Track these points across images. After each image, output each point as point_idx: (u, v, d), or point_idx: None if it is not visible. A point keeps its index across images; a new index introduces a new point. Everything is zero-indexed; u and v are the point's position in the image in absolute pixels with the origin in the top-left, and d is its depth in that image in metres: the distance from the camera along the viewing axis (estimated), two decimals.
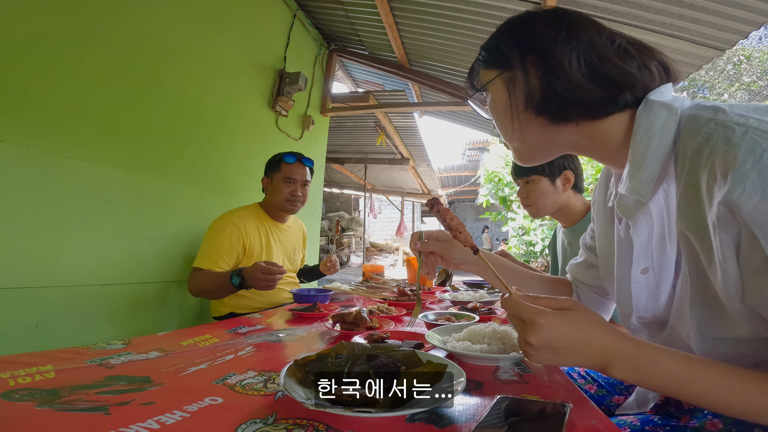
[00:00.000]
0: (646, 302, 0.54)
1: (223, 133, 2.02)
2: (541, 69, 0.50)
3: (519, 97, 0.52)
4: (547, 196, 1.23)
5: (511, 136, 0.57)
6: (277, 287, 1.64)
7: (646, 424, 0.57)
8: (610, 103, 0.49)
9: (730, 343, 0.45)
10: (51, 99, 1.23)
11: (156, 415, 0.43)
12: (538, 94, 0.51)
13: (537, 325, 0.44)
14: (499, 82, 0.55)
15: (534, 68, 0.50)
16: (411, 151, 5.56)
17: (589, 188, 5.65)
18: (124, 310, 1.49)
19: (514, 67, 0.52)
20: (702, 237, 0.42)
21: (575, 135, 0.53)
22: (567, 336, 0.43)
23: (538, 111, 0.52)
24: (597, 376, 0.82)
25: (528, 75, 0.51)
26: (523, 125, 0.54)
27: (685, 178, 0.43)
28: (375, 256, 10.55)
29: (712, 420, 0.52)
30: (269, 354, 0.73)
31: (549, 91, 0.49)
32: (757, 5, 1.71)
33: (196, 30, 1.81)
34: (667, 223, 0.49)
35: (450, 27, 2.63)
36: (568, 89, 0.48)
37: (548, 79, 0.49)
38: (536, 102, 0.51)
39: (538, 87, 0.50)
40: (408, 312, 1.22)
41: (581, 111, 0.50)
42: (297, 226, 1.88)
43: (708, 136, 0.40)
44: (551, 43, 0.49)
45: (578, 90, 0.48)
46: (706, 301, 0.45)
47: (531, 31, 0.51)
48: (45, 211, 1.22)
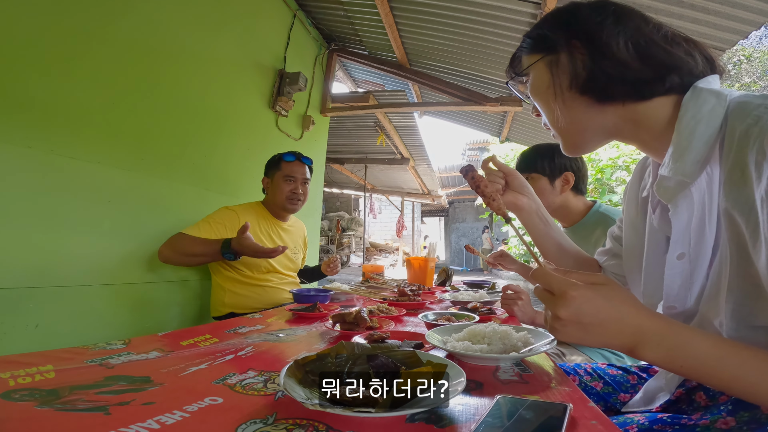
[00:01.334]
0: (678, 291, 0.53)
1: (223, 133, 2.02)
2: (588, 50, 0.52)
3: (563, 77, 0.54)
4: (543, 195, 1.23)
5: (556, 118, 0.58)
6: (277, 287, 1.66)
7: (655, 423, 0.57)
8: (656, 84, 0.50)
9: (765, 332, 0.44)
10: (51, 99, 1.23)
11: (156, 415, 0.43)
12: (583, 74, 0.52)
13: (568, 297, 0.42)
14: (541, 65, 0.57)
15: (580, 50, 0.53)
16: (411, 151, 5.56)
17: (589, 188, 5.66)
18: (124, 310, 1.49)
19: (559, 49, 0.54)
20: (749, 214, 0.41)
21: (619, 117, 0.54)
22: (599, 311, 0.42)
23: (583, 90, 0.53)
24: (603, 373, 0.82)
25: (573, 56, 0.53)
26: (567, 105, 0.55)
27: (732, 159, 0.43)
28: (375, 256, 10.56)
29: (726, 418, 0.51)
30: (269, 354, 0.73)
31: (596, 70, 0.51)
32: (757, 5, 1.71)
33: (196, 30, 1.81)
34: (708, 208, 0.48)
35: (450, 27, 2.63)
36: (616, 68, 0.50)
37: (595, 59, 0.51)
38: (581, 81, 0.53)
39: (584, 67, 0.52)
40: (408, 312, 1.22)
41: (628, 90, 0.51)
42: (298, 226, 1.90)
43: (757, 119, 0.41)
44: (598, 27, 0.51)
45: (626, 69, 0.50)
46: (746, 285, 0.44)
47: (576, 17, 0.54)
48: (45, 211, 1.22)
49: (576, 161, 1.25)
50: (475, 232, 14.80)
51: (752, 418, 0.48)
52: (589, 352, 1.19)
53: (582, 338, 0.44)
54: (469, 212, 14.90)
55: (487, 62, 2.93)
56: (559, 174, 1.23)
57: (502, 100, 3.04)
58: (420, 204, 11.98)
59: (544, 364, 0.68)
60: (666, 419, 0.57)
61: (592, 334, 0.43)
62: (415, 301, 1.38)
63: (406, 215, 10.22)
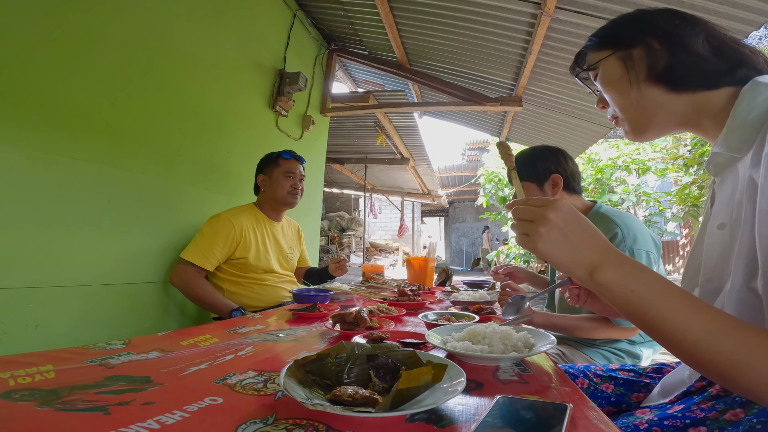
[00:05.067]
0: (716, 261, 0.55)
1: (223, 133, 2.02)
2: (667, 45, 0.58)
3: (638, 68, 0.60)
4: None
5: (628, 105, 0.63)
6: (275, 285, 1.67)
7: (665, 418, 0.57)
8: (727, 75, 0.56)
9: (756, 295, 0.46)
10: (51, 99, 1.23)
11: (156, 415, 0.43)
12: (660, 66, 0.58)
13: (558, 203, 0.49)
14: (612, 59, 0.63)
15: (658, 45, 0.59)
16: (411, 151, 5.56)
17: (589, 188, 5.66)
18: (124, 310, 1.49)
19: (635, 44, 0.61)
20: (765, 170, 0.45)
21: (687, 104, 0.59)
22: (580, 222, 0.49)
23: (659, 79, 0.59)
24: (614, 374, 0.81)
25: (651, 50, 0.59)
26: (642, 92, 0.61)
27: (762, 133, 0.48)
28: (375, 256, 10.55)
29: (736, 409, 0.52)
30: (269, 354, 0.73)
31: (675, 62, 0.58)
32: (757, 5, 1.70)
33: (196, 30, 1.81)
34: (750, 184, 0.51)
35: (450, 27, 2.63)
36: (695, 60, 0.57)
37: (675, 52, 0.58)
38: (658, 72, 0.59)
39: (663, 59, 0.58)
40: (408, 312, 1.22)
41: (701, 80, 0.57)
42: (291, 225, 1.92)
43: None
44: (676, 27, 0.59)
45: (703, 61, 0.56)
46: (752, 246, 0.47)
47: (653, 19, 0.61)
48: (45, 211, 1.22)
49: (561, 162, 1.23)
50: (476, 232, 14.80)
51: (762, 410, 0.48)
52: (590, 352, 1.19)
53: (560, 246, 0.49)
54: (469, 212, 14.90)
55: (487, 62, 2.93)
56: (545, 178, 1.22)
57: (502, 100, 3.04)
58: (420, 204, 11.98)
59: (544, 364, 0.68)
60: (676, 414, 0.57)
61: (569, 244, 0.49)
62: (415, 301, 1.38)
63: (406, 215, 10.22)
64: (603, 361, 1.17)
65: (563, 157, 1.25)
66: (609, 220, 1.12)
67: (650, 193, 5.11)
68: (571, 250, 0.49)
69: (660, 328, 0.44)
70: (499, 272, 1.54)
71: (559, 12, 2.12)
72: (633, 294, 0.45)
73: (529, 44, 2.46)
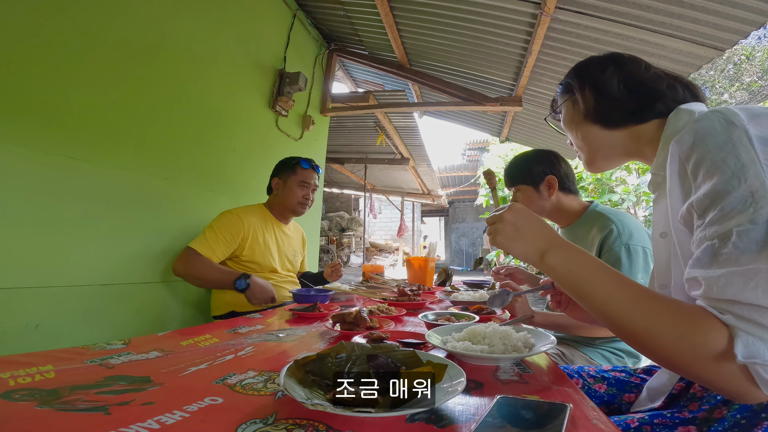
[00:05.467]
0: (665, 267, 0.60)
1: (223, 133, 2.02)
2: (593, 90, 0.70)
3: (579, 111, 0.72)
4: (532, 202, 1.27)
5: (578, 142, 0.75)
6: (278, 285, 1.68)
7: (655, 417, 0.59)
8: (647, 110, 0.65)
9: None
10: (51, 99, 1.23)
11: (156, 415, 0.43)
12: (590, 107, 0.70)
13: (514, 207, 0.62)
14: (568, 104, 0.76)
15: (589, 91, 0.70)
16: (411, 151, 5.56)
17: (588, 188, 5.66)
18: (124, 310, 1.49)
19: (576, 92, 0.73)
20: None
21: (626, 138, 0.68)
22: (531, 219, 0.61)
23: (594, 119, 0.70)
24: (606, 375, 0.83)
25: (585, 96, 0.71)
26: (584, 131, 0.73)
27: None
28: (375, 256, 10.56)
29: (720, 407, 0.55)
30: (269, 354, 0.73)
31: (599, 104, 0.69)
32: (757, 5, 1.70)
33: (196, 30, 1.81)
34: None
35: (450, 27, 2.62)
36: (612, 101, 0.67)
37: (598, 96, 0.69)
38: (590, 113, 0.70)
39: (593, 103, 0.70)
40: (408, 312, 1.22)
41: (625, 117, 0.67)
42: (297, 230, 1.95)
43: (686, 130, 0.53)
44: (600, 74, 0.69)
45: (619, 102, 0.67)
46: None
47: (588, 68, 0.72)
48: (45, 211, 1.22)
49: (554, 164, 1.27)
50: (475, 232, 14.79)
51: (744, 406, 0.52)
52: (589, 352, 1.19)
53: (513, 238, 0.60)
54: (469, 212, 14.89)
55: (487, 62, 2.93)
56: (541, 180, 1.26)
57: (502, 100, 3.04)
58: (420, 204, 11.98)
59: (544, 364, 0.68)
60: (666, 414, 0.59)
61: (521, 236, 0.60)
62: (415, 301, 1.38)
63: (406, 215, 10.22)
64: (603, 360, 1.17)
65: (556, 160, 1.29)
66: (605, 218, 1.13)
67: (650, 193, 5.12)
68: (523, 240, 0.60)
69: (591, 300, 0.52)
70: (500, 273, 1.54)
71: (559, 12, 2.12)
72: (571, 273, 0.54)
73: (529, 44, 2.46)
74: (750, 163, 0.43)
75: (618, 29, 2.10)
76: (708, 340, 0.42)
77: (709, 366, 0.43)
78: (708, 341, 0.42)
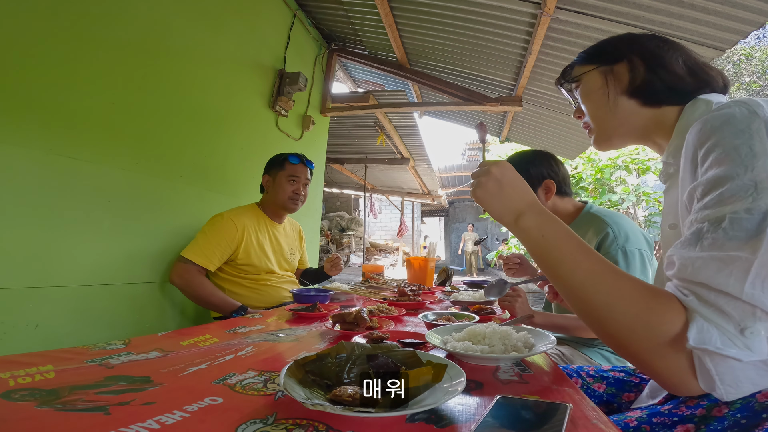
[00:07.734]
0: None
1: (223, 133, 2.02)
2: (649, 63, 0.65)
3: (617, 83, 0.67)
4: None
5: (601, 115, 0.70)
6: (276, 285, 1.67)
7: (654, 415, 0.59)
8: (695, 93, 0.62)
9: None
10: (51, 99, 1.23)
11: (156, 415, 0.43)
12: (638, 81, 0.65)
13: (501, 162, 0.62)
14: (595, 72, 0.70)
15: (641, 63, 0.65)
16: (411, 151, 5.56)
17: (588, 188, 5.66)
18: (124, 310, 1.49)
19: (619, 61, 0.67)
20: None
21: (650, 119, 0.66)
22: (516, 180, 0.61)
23: (635, 93, 0.65)
24: (605, 375, 0.83)
25: (634, 67, 0.65)
26: (617, 104, 0.68)
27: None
28: (375, 256, 10.55)
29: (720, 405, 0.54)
30: (269, 354, 0.73)
31: (654, 79, 0.64)
32: (757, 5, 1.70)
33: (196, 30, 1.81)
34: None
35: (450, 27, 2.62)
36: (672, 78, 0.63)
37: (656, 70, 0.64)
38: (635, 86, 0.65)
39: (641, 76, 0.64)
40: (408, 312, 1.22)
41: (672, 96, 0.63)
42: (293, 226, 1.92)
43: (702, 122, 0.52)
44: (659, 49, 0.65)
45: (679, 80, 0.63)
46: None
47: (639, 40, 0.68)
48: (45, 211, 1.22)
49: (552, 167, 1.24)
50: (475, 232, 14.78)
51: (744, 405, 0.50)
52: (589, 352, 1.19)
53: (494, 194, 0.60)
54: (469, 212, 14.89)
55: (487, 62, 2.93)
56: (539, 183, 1.22)
57: (502, 100, 3.04)
58: (420, 204, 11.98)
59: (544, 364, 0.68)
60: (664, 412, 0.58)
61: (502, 193, 0.60)
62: (415, 301, 1.38)
63: (406, 215, 10.21)
64: (602, 361, 1.17)
65: (554, 162, 1.25)
66: (600, 220, 1.11)
67: (650, 193, 5.10)
68: (502, 198, 0.59)
69: (558, 268, 0.52)
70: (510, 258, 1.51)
71: (559, 12, 2.12)
72: (543, 238, 0.55)
73: (529, 44, 2.46)
74: (762, 154, 0.43)
75: (618, 29, 2.10)
76: (664, 321, 0.43)
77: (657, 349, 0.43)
78: (663, 322, 0.43)
